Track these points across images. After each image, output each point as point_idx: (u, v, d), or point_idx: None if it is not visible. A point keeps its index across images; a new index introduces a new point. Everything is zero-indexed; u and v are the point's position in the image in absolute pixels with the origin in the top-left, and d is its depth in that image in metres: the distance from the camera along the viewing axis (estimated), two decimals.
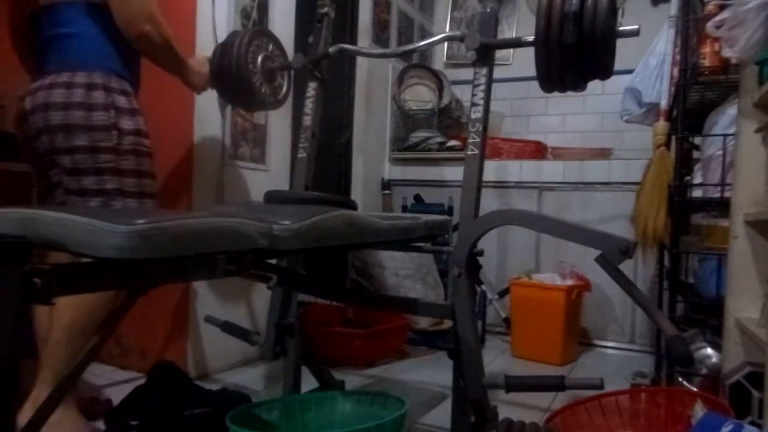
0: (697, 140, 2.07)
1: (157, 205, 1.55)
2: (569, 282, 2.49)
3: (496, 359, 2.48)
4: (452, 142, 3.10)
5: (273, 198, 1.36)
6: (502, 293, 2.71)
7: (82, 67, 1.41)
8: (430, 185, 3.14)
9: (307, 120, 1.66)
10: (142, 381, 1.64)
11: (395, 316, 2.43)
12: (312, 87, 1.68)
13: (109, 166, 1.41)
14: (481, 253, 1.36)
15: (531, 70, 1.30)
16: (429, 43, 1.58)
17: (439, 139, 3.12)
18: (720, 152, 1.76)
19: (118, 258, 0.72)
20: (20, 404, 1.28)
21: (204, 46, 1.92)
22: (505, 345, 2.65)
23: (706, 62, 1.80)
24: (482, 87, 1.36)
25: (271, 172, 2.32)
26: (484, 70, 1.37)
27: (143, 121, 1.50)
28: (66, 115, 1.38)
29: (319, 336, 2.15)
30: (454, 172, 3.02)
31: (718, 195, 1.77)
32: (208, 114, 2.02)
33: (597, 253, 1.10)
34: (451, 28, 3.75)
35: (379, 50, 2.60)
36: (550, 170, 2.92)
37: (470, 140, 1.36)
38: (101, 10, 1.41)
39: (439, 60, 3.80)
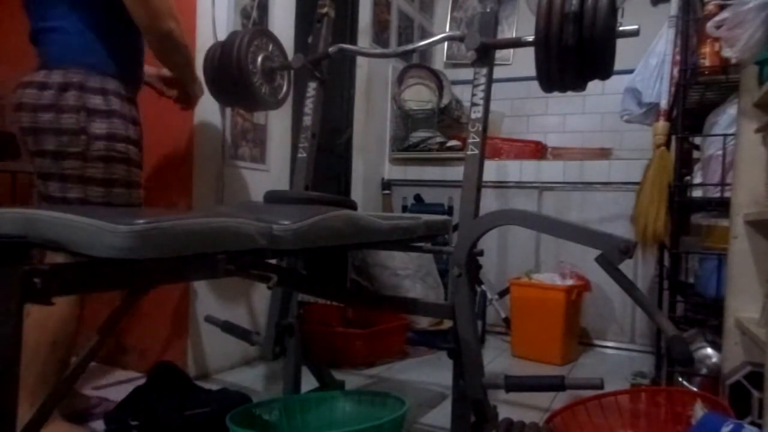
0: (697, 140, 2.07)
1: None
2: (569, 282, 2.49)
3: (496, 359, 2.48)
4: (452, 142, 3.10)
5: (273, 198, 1.36)
6: (502, 293, 2.71)
7: (59, 65, 1.33)
8: (430, 185, 3.14)
9: (307, 120, 1.66)
10: (142, 381, 1.64)
11: (395, 316, 2.43)
12: (312, 87, 1.68)
13: (74, 173, 1.33)
14: (481, 253, 1.36)
15: (531, 70, 1.30)
16: (429, 43, 1.58)
17: (439, 139, 3.12)
18: (720, 152, 1.76)
19: (118, 258, 0.72)
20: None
21: (204, 46, 1.92)
22: (505, 345, 2.65)
23: (706, 62, 1.80)
24: (482, 87, 1.36)
25: (271, 172, 2.32)
26: (484, 70, 1.37)
27: (123, 123, 1.38)
28: (35, 117, 1.32)
29: (319, 336, 2.15)
30: (454, 172, 3.02)
31: (718, 195, 1.77)
32: (208, 114, 2.02)
33: (597, 253, 1.10)
34: (451, 28, 3.75)
35: (379, 50, 2.61)
36: (550, 170, 2.92)
37: (470, 140, 1.36)
38: (87, 1, 1.33)
39: (439, 60, 3.80)
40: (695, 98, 1.95)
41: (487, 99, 1.37)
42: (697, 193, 1.92)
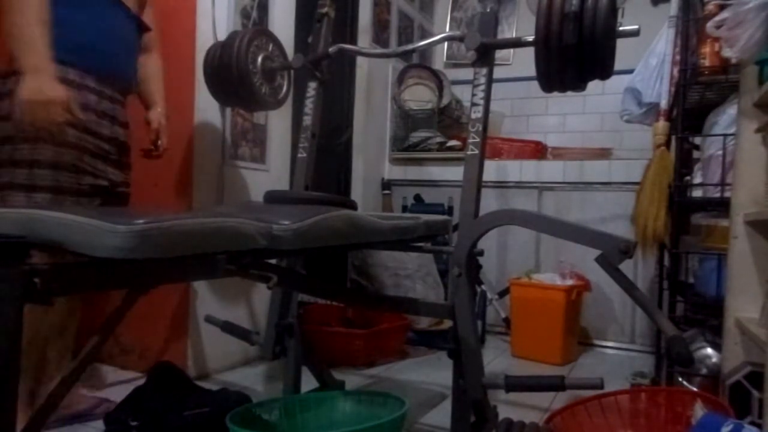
0: (697, 140, 2.07)
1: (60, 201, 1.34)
2: (569, 282, 2.49)
3: (496, 359, 2.48)
4: (452, 142, 3.10)
5: (273, 198, 1.36)
6: (502, 293, 2.71)
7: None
8: (430, 185, 3.14)
9: (307, 120, 1.66)
10: (142, 381, 1.64)
11: (395, 316, 2.43)
12: (312, 87, 1.68)
13: (4, 157, 1.31)
14: (481, 253, 1.36)
15: (531, 70, 1.31)
16: (429, 43, 1.58)
17: (439, 139, 3.12)
18: (720, 152, 1.76)
19: (118, 258, 0.72)
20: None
21: (204, 46, 1.92)
22: (505, 345, 2.65)
23: (706, 62, 1.80)
24: (482, 87, 1.37)
25: (271, 172, 2.32)
26: (484, 70, 1.38)
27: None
28: None
29: (319, 336, 2.15)
30: (454, 172, 3.02)
31: (718, 195, 1.77)
32: (208, 114, 2.02)
33: (597, 253, 1.10)
34: (451, 28, 3.75)
35: (379, 50, 2.61)
36: (550, 170, 2.92)
37: (470, 140, 1.36)
38: None
39: (439, 60, 3.80)
40: (695, 98, 1.95)
41: (487, 99, 1.37)
42: (697, 193, 1.91)
